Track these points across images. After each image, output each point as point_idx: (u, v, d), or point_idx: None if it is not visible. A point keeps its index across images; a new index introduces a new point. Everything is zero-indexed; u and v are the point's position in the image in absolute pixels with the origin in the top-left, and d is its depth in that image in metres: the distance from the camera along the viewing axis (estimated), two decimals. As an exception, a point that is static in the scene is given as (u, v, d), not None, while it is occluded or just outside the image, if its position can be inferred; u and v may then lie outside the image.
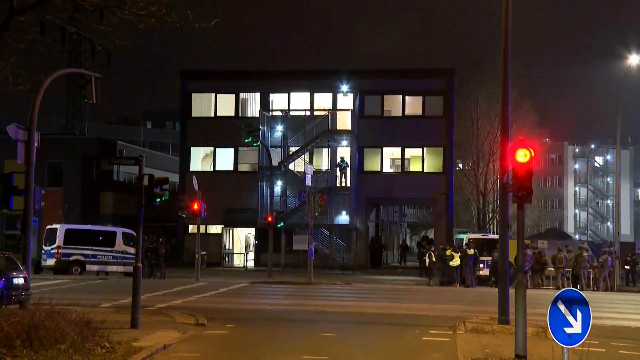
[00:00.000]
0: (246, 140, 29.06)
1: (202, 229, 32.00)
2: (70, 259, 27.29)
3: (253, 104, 38.87)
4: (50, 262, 27.27)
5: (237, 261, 37.38)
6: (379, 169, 37.67)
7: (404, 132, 37.01)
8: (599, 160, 78.27)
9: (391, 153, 38.72)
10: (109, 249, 27.67)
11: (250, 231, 38.38)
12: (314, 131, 35.73)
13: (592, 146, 77.89)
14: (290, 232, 35.47)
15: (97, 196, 39.21)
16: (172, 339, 11.16)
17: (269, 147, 33.94)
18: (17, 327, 8.57)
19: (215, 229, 37.79)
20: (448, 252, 26.25)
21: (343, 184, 35.61)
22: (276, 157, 35.39)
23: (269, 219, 29.56)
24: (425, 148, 37.45)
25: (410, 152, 38.10)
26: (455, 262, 26.11)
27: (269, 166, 31.66)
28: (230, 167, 38.27)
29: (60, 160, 37.62)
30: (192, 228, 36.35)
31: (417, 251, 39.47)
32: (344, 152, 36.39)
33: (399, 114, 37.74)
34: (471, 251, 26.33)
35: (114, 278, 26.59)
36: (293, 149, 36.27)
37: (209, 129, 38.54)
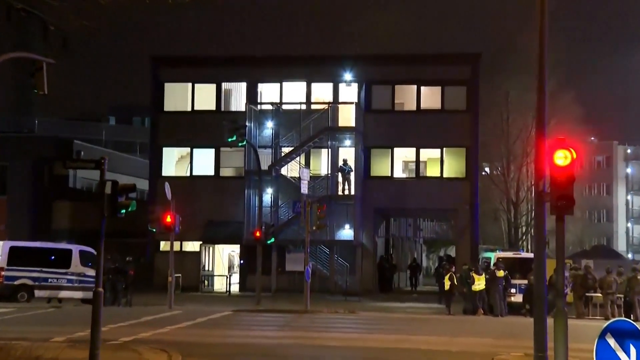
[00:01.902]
0: (230, 140, 28.99)
1: (177, 246, 32.27)
2: (16, 283, 26.97)
3: (238, 95, 39.05)
4: (-9, 287, 26.80)
5: (219, 285, 37.58)
6: (389, 174, 37.77)
7: (420, 130, 37.17)
8: (656, 163, 77.99)
9: (404, 155, 38.92)
10: (63, 270, 27.38)
11: (235, 249, 38.70)
12: (312, 128, 35.94)
13: (648, 146, 77.66)
14: (282, 250, 35.78)
15: (50, 206, 39.27)
16: (139, 381, 10.84)
17: (257, 147, 34.27)
18: (-50, 366, 8.07)
19: (192, 245, 37.89)
20: (472, 274, 26.26)
21: (346, 192, 35.85)
22: (266, 159, 35.61)
23: (257, 233, 29.64)
24: (445, 149, 37.62)
25: (426, 154, 38.27)
26: (478, 285, 25.91)
27: (258, 170, 31.51)
28: (211, 172, 38.52)
29: (4, 163, 37.93)
30: (164, 245, 36.34)
31: (435, 272, 39.38)
32: (347, 153, 36.58)
33: (414, 107, 37.91)
34: (500, 273, 26.26)
35: (69, 306, 26.51)
36: (286, 150, 36.54)
37: (185, 125, 38.54)
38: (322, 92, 38.52)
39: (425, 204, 37.36)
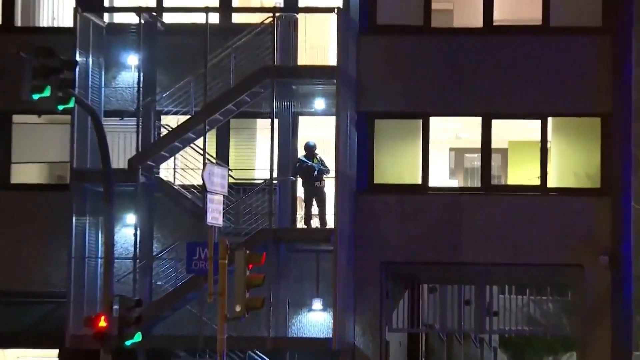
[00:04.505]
0: (34, 97, 28.72)
1: None
2: None
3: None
4: None
5: None
6: (419, 180, 37.57)
7: (492, 76, 37.13)
8: None
9: (455, 133, 39.50)
10: None
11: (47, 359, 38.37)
12: (233, 71, 36.53)
13: None
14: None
15: None
16: None
17: (103, 115, 35.53)
18: None
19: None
20: None
21: (314, 223, 36.62)
22: (124, 143, 36.77)
23: (100, 322, 29.14)
24: (551, 119, 37.59)
25: (509, 131, 38.43)
26: None
27: (104, 170, 30.69)
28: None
29: None
30: None
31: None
32: (319, 129, 37.46)
33: (477, 22, 37.83)
34: None
35: None
36: (172, 122, 37.07)
37: None
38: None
39: (505, 253, 36.86)
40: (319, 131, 36.89)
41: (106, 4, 38.62)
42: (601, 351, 36.41)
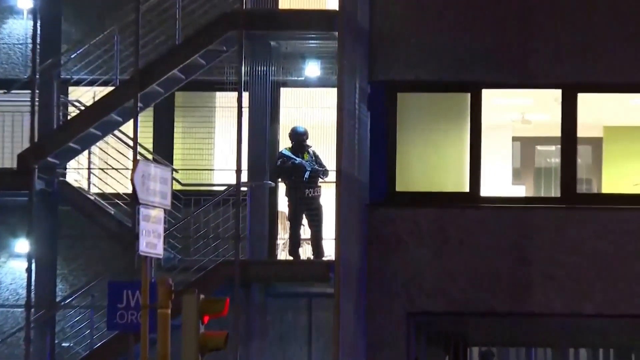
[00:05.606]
0: None
1: None
2: None
3: None
4: None
5: None
6: (465, 188, 36.90)
7: (576, 26, 36.18)
8: None
9: (521, 114, 39.34)
10: None
11: None
12: (181, 21, 38.29)
13: None
14: None
15: None
16: None
17: None
18: None
19: None
20: None
21: (305, 252, 38.44)
22: (9, 131, 39.43)
23: None
24: None
25: (599, 111, 38.14)
26: None
27: None
28: None
29: None
30: None
31: None
32: (313, 108, 39.41)
33: None
34: None
35: None
36: (84, 96, 38.49)
37: None
38: None
39: (598, 300, 36.13)
40: (311, 111, 36.87)
41: None
42: None
